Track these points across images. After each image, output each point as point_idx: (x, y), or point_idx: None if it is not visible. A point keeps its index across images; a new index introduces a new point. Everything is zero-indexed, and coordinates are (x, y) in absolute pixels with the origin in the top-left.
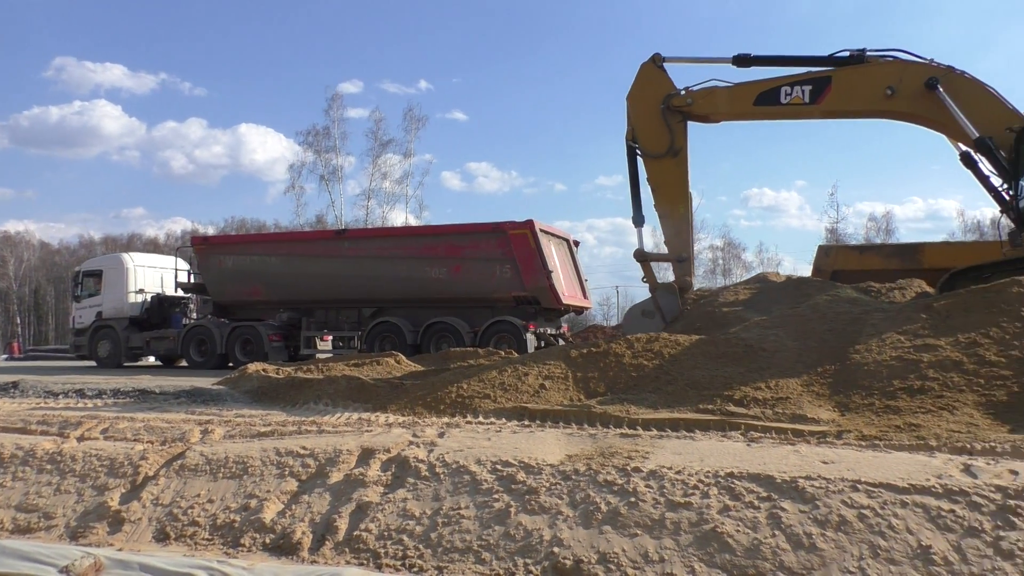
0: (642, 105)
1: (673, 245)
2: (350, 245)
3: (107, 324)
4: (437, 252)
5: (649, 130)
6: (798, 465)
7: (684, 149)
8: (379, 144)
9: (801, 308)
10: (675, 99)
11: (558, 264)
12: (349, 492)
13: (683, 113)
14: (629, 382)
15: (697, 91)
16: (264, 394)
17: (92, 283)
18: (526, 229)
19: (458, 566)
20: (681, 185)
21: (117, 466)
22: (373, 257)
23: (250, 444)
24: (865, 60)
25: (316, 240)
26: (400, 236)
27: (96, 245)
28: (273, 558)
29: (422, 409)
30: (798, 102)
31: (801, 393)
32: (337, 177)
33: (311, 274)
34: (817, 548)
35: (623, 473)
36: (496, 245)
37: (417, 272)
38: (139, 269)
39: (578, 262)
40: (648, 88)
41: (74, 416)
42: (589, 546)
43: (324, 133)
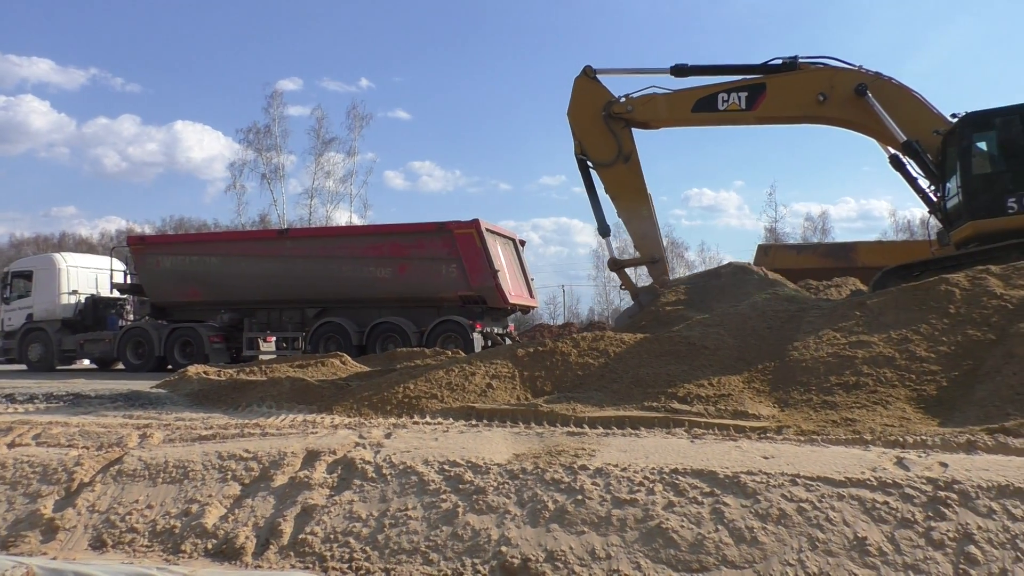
0: (583, 118)
1: (643, 247)
2: (293, 245)
3: (38, 326)
4: (382, 252)
5: (595, 141)
6: (740, 460)
7: (634, 153)
8: (321, 142)
9: (741, 306)
10: (615, 106)
11: (504, 263)
12: (294, 495)
13: (625, 120)
14: (575, 380)
15: (637, 98)
16: (205, 397)
17: (22, 284)
18: (472, 228)
19: (406, 567)
20: (638, 188)
21: (50, 472)
22: (317, 257)
23: (191, 448)
24: (797, 67)
25: (258, 240)
26: (344, 236)
27: (26, 245)
28: (216, 564)
29: (368, 410)
30: (735, 108)
31: (742, 390)
32: (279, 176)
33: (253, 274)
34: (759, 541)
35: (570, 471)
36: (442, 244)
37: (362, 272)
38: (72, 269)
39: (524, 261)
40: (585, 100)
41: (4, 422)
42: (537, 544)
43: (265, 131)
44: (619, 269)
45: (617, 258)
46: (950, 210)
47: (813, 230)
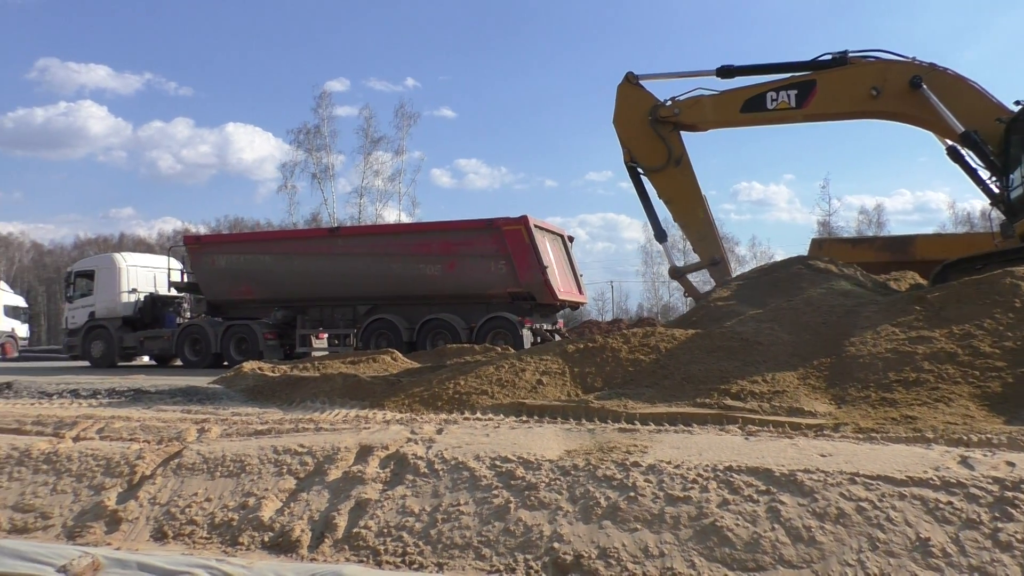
0: (629, 124)
1: (702, 250)
2: (344, 243)
3: (100, 324)
4: (432, 249)
5: (644, 147)
6: (796, 458)
7: (684, 156)
8: (370, 141)
9: (795, 301)
10: (662, 110)
11: (553, 260)
12: (348, 489)
13: (672, 123)
14: (626, 377)
15: (683, 101)
16: (260, 392)
17: (85, 283)
18: (520, 225)
19: (458, 562)
20: (693, 191)
21: (113, 465)
22: (367, 255)
23: (247, 442)
24: (848, 62)
25: (310, 238)
26: (394, 233)
27: (88, 245)
28: (272, 556)
29: (419, 406)
30: (785, 107)
31: (797, 386)
32: (329, 175)
33: (305, 272)
34: (816, 541)
35: (622, 468)
36: (491, 241)
37: (412, 269)
38: (132, 269)
39: (573, 257)
40: (630, 107)
41: (69, 416)
42: (589, 541)
43: (314, 131)
44: (681, 277)
45: (677, 265)
46: (1014, 201)
47: (868, 223)
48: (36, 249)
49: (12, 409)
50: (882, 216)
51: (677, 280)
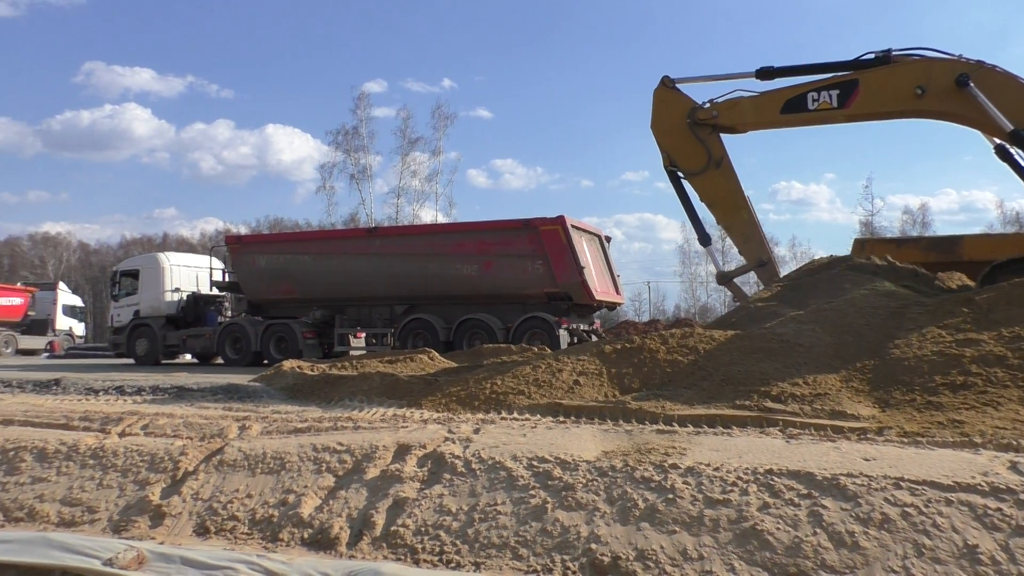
0: (667, 128)
1: (747, 252)
2: (381, 243)
3: (144, 322)
4: (468, 249)
5: (683, 150)
6: (839, 462)
7: (725, 157)
8: (407, 142)
9: (837, 302)
10: (700, 113)
11: (590, 260)
12: (386, 488)
13: (711, 125)
14: (664, 378)
15: (722, 103)
16: (299, 391)
17: (129, 282)
18: (557, 225)
19: (495, 562)
20: (735, 193)
21: (157, 461)
22: (405, 255)
23: (287, 440)
24: (891, 60)
25: (348, 238)
26: (431, 233)
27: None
28: (311, 552)
29: (456, 405)
30: (826, 107)
31: (840, 389)
32: (367, 176)
33: (343, 272)
34: (860, 547)
35: (660, 470)
36: (527, 241)
37: (449, 269)
38: (175, 268)
39: (610, 258)
40: (667, 111)
41: (115, 412)
42: (627, 543)
43: (353, 132)
44: (729, 282)
45: (724, 271)
46: None
47: (912, 223)
48: (83, 249)
49: (60, 405)
50: (927, 216)
51: (725, 286)
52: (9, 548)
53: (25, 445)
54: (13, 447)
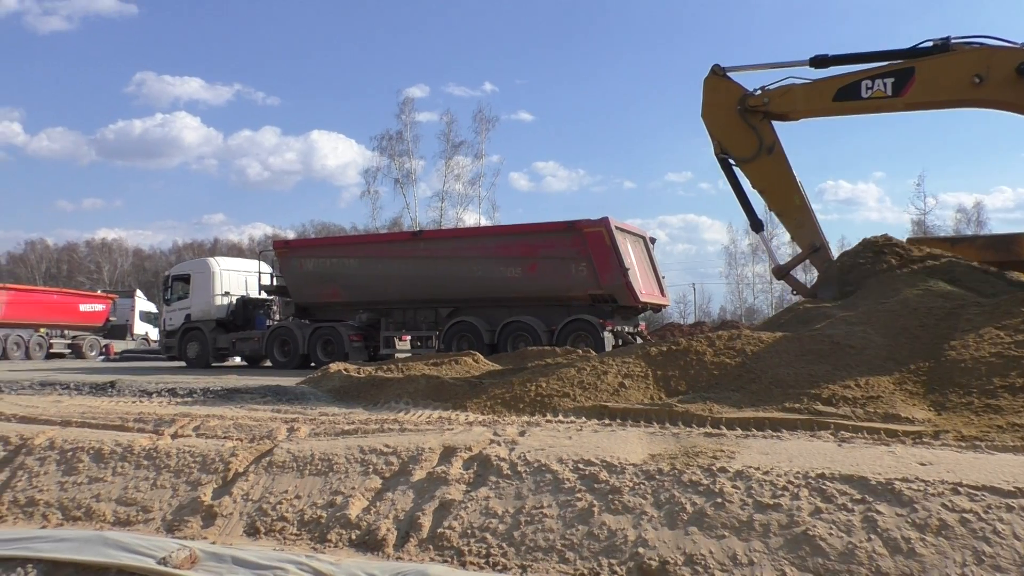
0: (718, 116)
1: (800, 237)
2: (426, 246)
3: (195, 326)
4: (512, 252)
5: (734, 137)
6: (893, 466)
7: (777, 143)
8: (451, 146)
9: (890, 303)
10: (751, 99)
11: (634, 261)
12: (432, 490)
13: (762, 112)
14: (711, 380)
15: (773, 90)
16: (346, 393)
17: (181, 287)
18: (601, 227)
19: (542, 565)
20: (787, 178)
21: (209, 462)
22: (449, 258)
23: (334, 442)
24: (950, 48)
25: (393, 242)
26: (475, 236)
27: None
28: (359, 554)
29: (502, 408)
30: (880, 95)
31: (893, 391)
32: (411, 180)
33: (389, 275)
34: (916, 553)
35: (708, 473)
36: (571, 243)
37: (493, 272)
38: (225, 273)
39: (655, 259)
40: (718, 99)
41: (168, 414)
42: (675, 547)
43: (397, 137)
44: (785, 275)
45: (781, 264)
46: None
47: (966, 222)
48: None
49: (115, 407)
50: (982, 214)
51: (783, 279)
52: (68, 546)
53: (82, 446)
54: (71, 447)
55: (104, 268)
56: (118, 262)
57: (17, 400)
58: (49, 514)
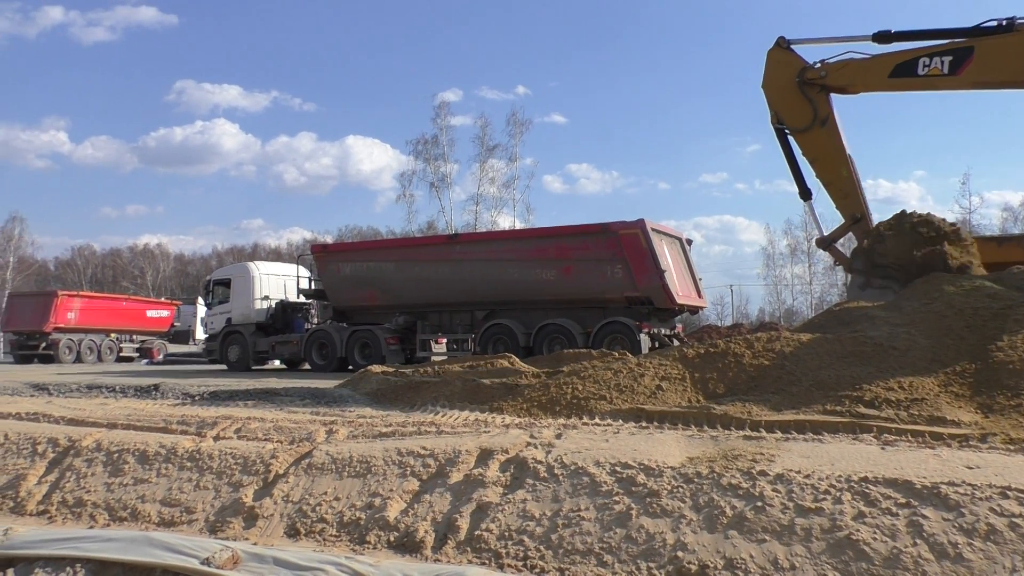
0: (777, 87)
1: (843, 207)
2: (462, 249)
3: (236, 329)
4: (548, 254)
5: (790, 108)
6: (939, 470)
7: (831, 116)
8: (485, 149)
9: (935, 304)
10: (809, 72)
11: (671, 263)
12: (469, 492)
13: (820, 85)
14: (749, 383)
15: (832, 63)
16: (383, 395)
17: (222, 291)
18: (637, 229)
19: (580, 568)
20: (837, 150)
21: (250, 464)
22: (485, 260)
23: (372, 444)
24: (1014, 28)
25: (429, 245)
26: (511, 239)
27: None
28: (397, 555)
29: (538, 410)
30: (936, 73)
31: (938, 394)
32: (446, 183)
33: (425, 278)
34: (964, 559)
35: (748, 476)
36: (607, 246)
37: (528, 274)
38: (264, 277)
39: (691, 261)
40: (779, 70)
41: (210, 416)
42: (715, 551)
43: (432, 141)
44: (828, 246)
45: (824, 235)
46: None
47: (1013, 220)
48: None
49: (159, 409)
50: None
51: (825, 250)
52: (115, 547)
53: (128, 448)
54: (117, 449)
55: (147, 273)
56: (161, 267)
57: (66, 403)
58: (96, 514)
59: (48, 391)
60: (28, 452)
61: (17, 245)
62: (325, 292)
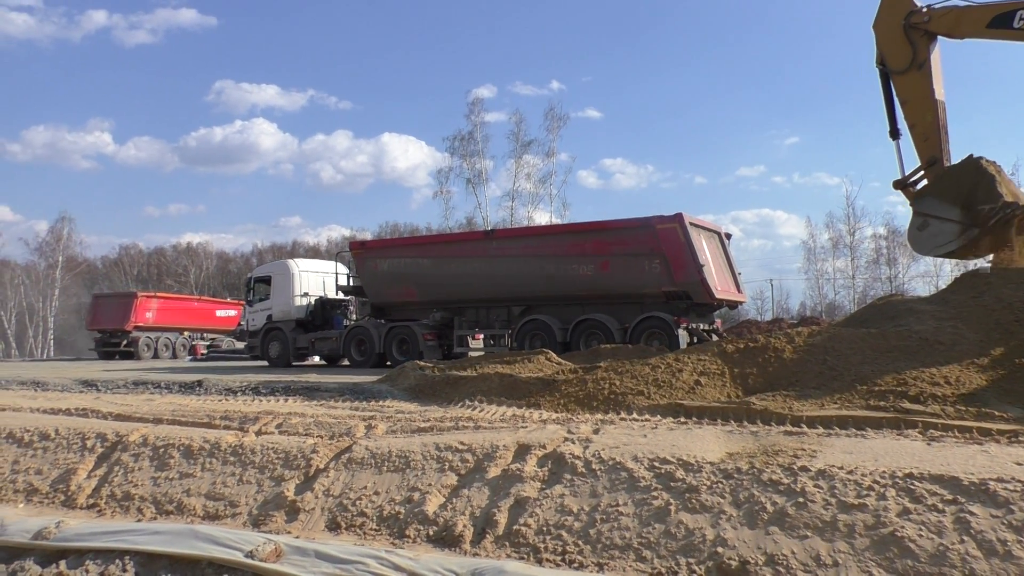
0: (886, 28)
1: (923, 151)
2: (498, 245)
3: (276, 326)
4: (585, 249)
5: (893, 49)
6: (987, 466)
7: (927, 61)
8: (521, 145)
9: (982, 297)
10: (915, 16)
11: (709, 258)
12: (507, 487)
13: (924, 30)
14: (790, 378)
15: (937, 9)
16: (421, 391)
17: (263, 288)
18: (675, 223)
19: (619, 563)
20: (926, 95)
21: (291, 459)
22: (521, 256)
23: (411, 439)
24: None
25: (466, 241)
26: (547, 235)
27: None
28: (436, 550)
29: (575, 406)
30: None
31: (986, 389)
32: (482, 179)
33: (462, 274)
34: (1013, 556)
35: (789, 472)
36: (645, 240)
37: (565, 270)
38: (303, 274)
39: (730, 255)
40: (889, 11)
41: (252, 411)
42: (755, 547)
43: (468, 137)
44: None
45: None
46: None
47: None
48: (220, 257)
49: (203, 405)
50: None
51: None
52: (161, 539)
53: (173, 443)
54: (163, 444)
55: (191, 271)
56: (203, 265)
57: (113, 399)
58: (144, 508)
59: (96, 387)
60: (78, 447)
61: (66, 245)
62: (363, 289)
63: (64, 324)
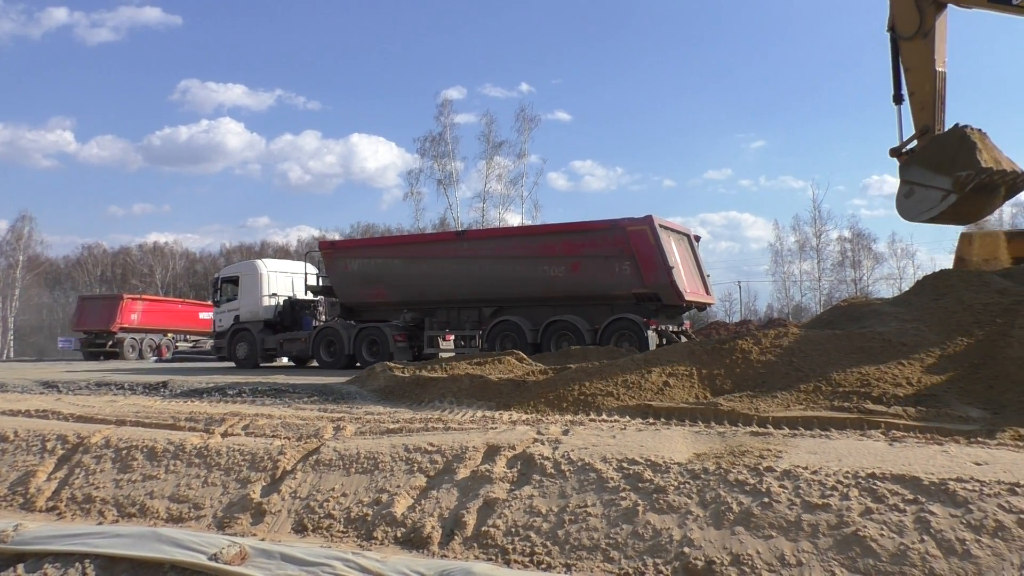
0: None
1: (918, 119)
2: (469, 246)
3: (244, 327)
4: (555, 251)
5: (903, 14)
6: (947, 466)
7: (933, 30)
8: (491, 147)
9: (944, 300)
10: None
11: (679, 260)
12: (476, 488)
13: None
14: (757, 379)
15: None
16: (391, 392)
17: (230, 289)
18: (645, 225)
19: (587, 564)
20: (928, 64)
21: (258, 461)
22: (492, 257)
23: (380, 440)
24: None
25: (437, 242)
26: (518, 236)
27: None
28: (405, 551)
29: (545, 407)
30: None
31: (947, 390)
32: (452, 181)
33: (433, 275)
34: (972, 555)
35: (755, 473)
36: (615, 242)
37: (536, 271)
38: (272, 274)
39: (699, 257)
40: None
41: (218, 413)
42: (721, 547)
43: (438, 139)
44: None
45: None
46: None
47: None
48: (187, 257)
49: (168, 406)
50: None
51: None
52: (124, 542)
53: (136, 444)
54: (126, 446)
55: (156, 271)
56: (170, 265)
57: (75, 400)
58: (105, 510)
59: (57, 389)
60: (37, 449)
61: (27, 244)
62: (333, 289)
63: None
